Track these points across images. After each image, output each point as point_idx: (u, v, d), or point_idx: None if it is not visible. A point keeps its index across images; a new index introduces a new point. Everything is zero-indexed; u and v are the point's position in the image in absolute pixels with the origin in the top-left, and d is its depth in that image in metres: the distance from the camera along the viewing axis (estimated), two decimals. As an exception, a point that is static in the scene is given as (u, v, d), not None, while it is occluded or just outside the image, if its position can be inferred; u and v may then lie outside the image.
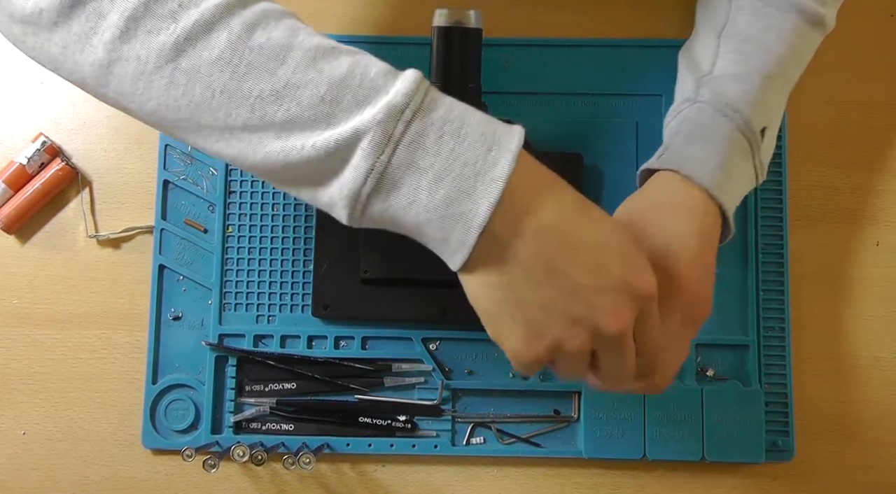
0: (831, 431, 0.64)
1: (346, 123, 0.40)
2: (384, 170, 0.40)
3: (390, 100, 0.40)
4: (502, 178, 0.40)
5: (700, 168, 0.52)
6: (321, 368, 0.64)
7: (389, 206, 0.42)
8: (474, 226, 0.41)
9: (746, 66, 0.54)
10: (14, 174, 0.65)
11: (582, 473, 0.64)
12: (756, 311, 0.64)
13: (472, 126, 0.42)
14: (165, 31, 0.41)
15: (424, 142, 0.41)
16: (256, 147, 0.42)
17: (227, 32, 0.41)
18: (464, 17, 0.58)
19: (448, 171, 0.41)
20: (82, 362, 0.64)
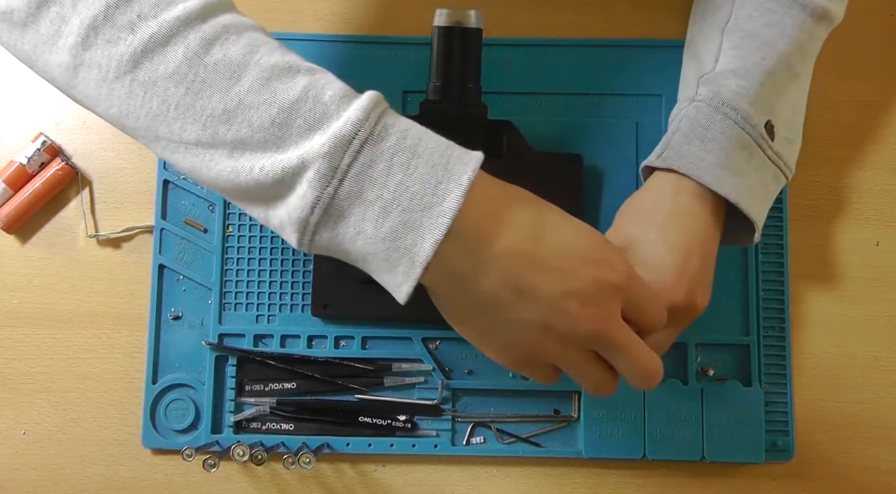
0: (831, 431, 0.64)
1: (295, 150, 0.40)
2: (331, 201, 0.40)
3: (339, 129, 0.40)
4: (449, 214, 0.40)
5: (697, 165, 0.52)
6: (321, 368, 0.64)
7: (336, 235, 0.41)
8: (419, 261, 0.40)
9: (745, 61, 0.54)
10: (14, 174, 0.65)
11: (582, 473, 0.64)
12: (756, 311, 0.64)
13: (424, 157, 0.41)
14: (124, 41, 0.40)
15: (372, 174, 0.40)
16: (209, 164, 0.42)
17: (183, 47, 0.40)
18: (464, 17, 0.59)
19: (395, 204, 0.40)
20: (82, 362, 0.64)
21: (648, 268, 0.51)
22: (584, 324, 0.42)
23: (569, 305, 0.42)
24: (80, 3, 0.40)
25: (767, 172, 0.55)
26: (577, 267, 0.42)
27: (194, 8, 0.41)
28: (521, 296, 0.42)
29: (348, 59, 0.66)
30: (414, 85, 0.66)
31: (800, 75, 0.57)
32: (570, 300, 0.42)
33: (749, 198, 0.54)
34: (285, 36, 0.66)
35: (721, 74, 0.54)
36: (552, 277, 0.42)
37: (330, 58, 0.66)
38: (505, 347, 0.44)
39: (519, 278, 0.41)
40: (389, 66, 0.66)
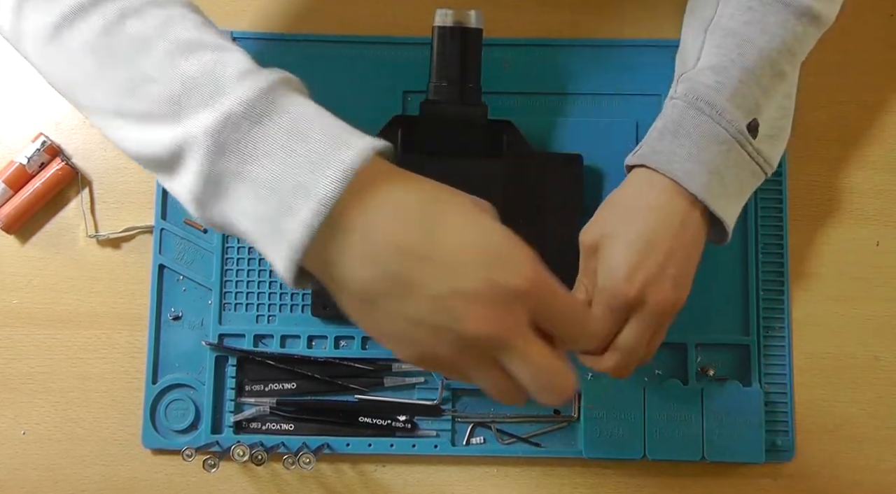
0: (831, 431, 0.64)
1: (187, 125, 0.41)
2: (215, 177, 0.40)
3: (228, 107, 0.40)
4: (324, 200, 0.39)
5: (668, 160, 0.52)
6: (321, 368, 0.64)
7: (224, 212, 0.41)
8: (294, 246, 0.39)
9: (723, 58, 0.54)
10: (14, 174, 0.65)
11: (582, 473, 0.64)
12: (756, 311, 0.64)
13: (309, 141, 0.40)
14: (49, 10, 0.43)
15: (255, 153, 0.40)
16: (120, 133, 0.44)
17: (101, 18, 0.42)
18: (464, 17, 0.59)
19: (274, 186, 0.40)
20: (82, 362, 0.64)
21: (604, 263, 0.51)
22: (472, 327, 0.39)
23: (455, 305, 0.39)
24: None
25: (745, 168, 0.55)
26: (468, 265, 0.39)
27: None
28: (403, 291, 0.39)
29: (348, 59, 0.66)
30: (414, 85, 0.66)
31: (786, 74, 0.56)
32: (457, 300, 0.39)
33: (721, 197, 0.53)
34: (285, 36, 0.66)
35: (699, 71, 0.54)
36: (438, 273, 0.39)
37: (330, 58, 0.66)
38: (398, 343, 0.42)
39: (404, 273, 0.39)
40: (389, 66, 0.66)
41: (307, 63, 0.66)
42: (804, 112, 0.67)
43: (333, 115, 0.42)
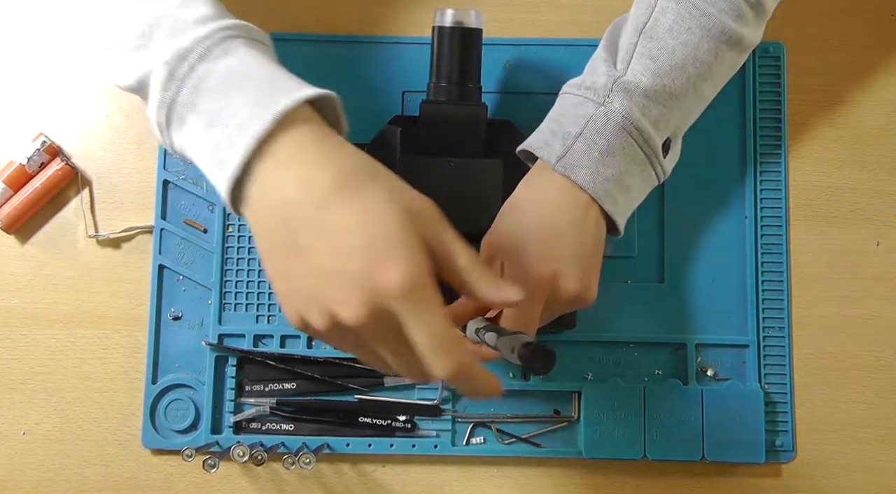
0: (831, 431, 0.64)
1: (148, 58, 0.45)
2: (171, 106, 0.44)
3: (182, 41, 0.44)
4: (255, 135, 0.41)
5: (594, 179, 0.53)
6: (321, 368, 0.64)
7: (182, 140, 0.45)
8: (229, 176, 0.42)
9: (656, 81, 0.54)
10: (14, 174, 0.65)
11: (582, 473, 0.64)
12: (756, 311, 0.64)
13: (254, 80, 0.43)
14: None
15: (205, 86, 0.43)
16: (103, 64, 0.48)
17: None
18: (464, 17, 0.59)
19: (219, 119, 0.43)
20: (82, 362, 0.64)
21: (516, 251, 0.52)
22: (342, 310, 0.40)
23: (331, 283, 0.40)
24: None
25: (649, 182, 0.56)
26: (353, 252, 0.39)
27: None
28: (294, 252, 0.41)
29: (348, 59, 0.66)
30: (414, 85, 0.66)
31: (707, 98, 0.57)
32: (333, 278, 0.40)
33: (625, 208, 0.55)
34: (285, 36, 0.66)
35: (634, 88, 0.53)
36: (326, 249, 0.40)
37: (330, 58, 0.66)
38: (283, 303, 0.43)
39: (295, 232, 0.40)
40: (389, 66, 0.66)
41: (307, 63, 0.66)
42: (804, 112, 0.67)
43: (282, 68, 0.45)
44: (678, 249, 0.65)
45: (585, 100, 0.54)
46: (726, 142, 0.66)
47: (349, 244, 0.39)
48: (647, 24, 0.55)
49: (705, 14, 0.54)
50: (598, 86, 0.54)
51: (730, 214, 0.65)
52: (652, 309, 0.64)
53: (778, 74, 0.66)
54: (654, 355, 0.64)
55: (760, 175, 0.66)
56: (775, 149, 0.66)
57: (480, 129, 0.60)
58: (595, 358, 0.64)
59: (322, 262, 0.40)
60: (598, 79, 0.55)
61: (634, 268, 0.65)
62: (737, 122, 0.66)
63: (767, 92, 0.66)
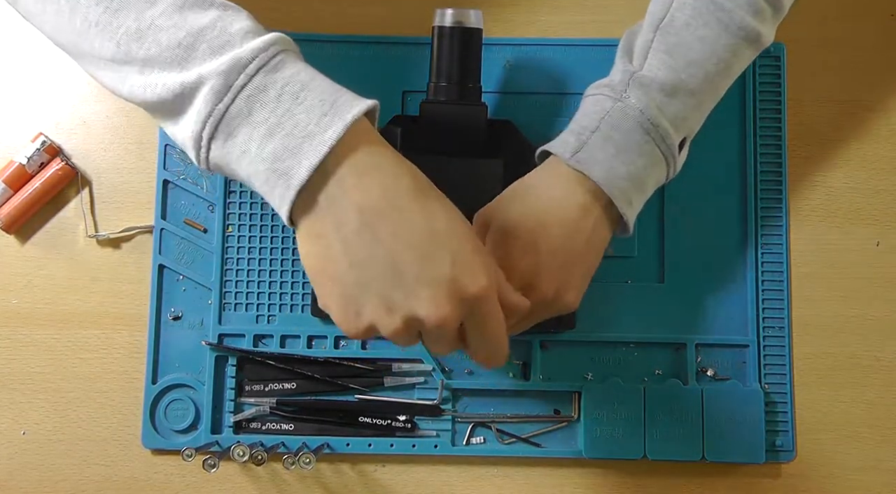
0: (831, 431, 0.64)
1: (196, 69, 0.43)
2: (222, 117, 0.43)
3: (238, 53, 0.43)
4: (328, 143, 0.42)
5: (607, 175, 0.52)
6: (321, 368, 0.64)
7: (227, 153, 0.44)
8: (294, 184, 0.42)
9: (674, 74, 0.53)
10: (14, 174, 0.65)
11: (582, 473, 0.64)
12: (756, 311, 0.64)
13: (315, 91, 0.43)
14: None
15: (263, 97, 0.43)
16: (124, 79, 0.45)
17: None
18: (464, 17, 0.59)
19: (280, 128, 0.42)
20: (82, 362, 0.64)
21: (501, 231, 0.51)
22: (423, 312, 0.42)
23: (419, 291, 0.42)
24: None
25: (662, 179, 0.55)
26: (439, 256, 0.42)
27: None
28: (373, 258, 0.42)
29: (348, 59, 0.66)
30: (414, 85, 0.66)
31: (720, 93, 0.56)
32: (423, 287, 0.42)
33: (636, 206, 0.54)
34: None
35: (651, 83, 0.53)
36: (411, 255, 0.42)
37: (330, 58, 0.66)
38: (343, 303, 0.44)
39: (376, 239, 0.42)
40: (389, 66, 0.66)
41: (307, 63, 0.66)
42: (804, 112, 0.67)
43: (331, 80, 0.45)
44: (678, 249, 0.65)
45: (603, 97, 0.54)
46: (726, 142, 0.66)
47: (439, 250, 0.42)
48: (664, 19, 0.54)
49: (723, 9, 0.53)
50: (614, 82, 0.54)
51: (730, 214, 0.65)
52: (652, 309, 0.64)
53: (778, 74, 0.66)
54: (654, 355, 0.64)
55: (760, 175, 0.66)
56: (775, 150, 0.66)
57: (480, 129, 0.60)
58: (595, 358, 0.64)
59: (408, 268, 0.42)
60: (614, 76, 0.55)
61: (634, 268, 0.65)
62: (737, 122, 0.66)
63: (767, 92, 0.66)
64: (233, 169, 0.44)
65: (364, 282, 0.43)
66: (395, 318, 0.43)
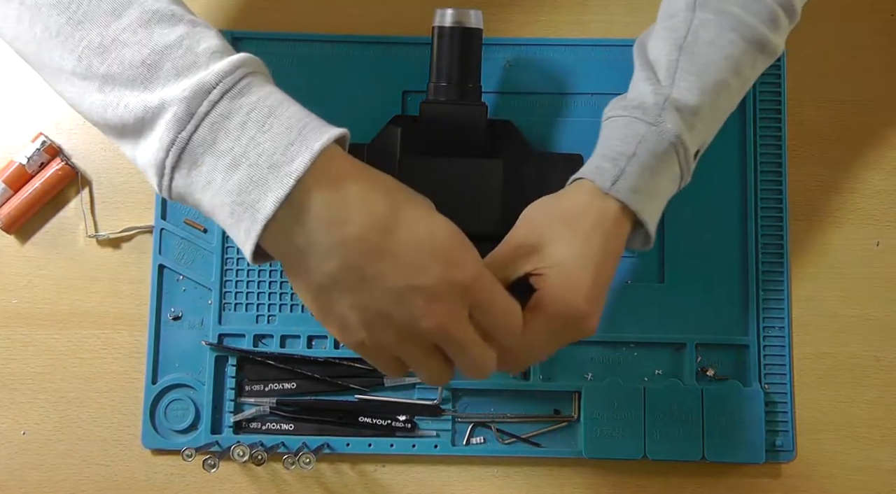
0: (831, 431, 0.64)
1: (159, 92, 0.41)
2: (185, 146, 0.41)
3: (202, 77, 0.40)
4: (294, 175, 0.40)
5: (644, 205, 0.52)
6: (321, 368, 0.64)
7: (190, 183, 0.42)
8: (259, 218, 0.40)
9: (705, 97, 0.53)
10: (14, 174, 0.65)
11: (582, 473, 0.64)
12: (756, 311, 0.64)
13: (282, 118, 0.41)
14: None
15: (227, 125, 0.40)
16: (83, 95, 0.43)
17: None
18: (464, 17, 0.59)
19: (245, 158, 0.40)
20: (82, 362, 0.64)
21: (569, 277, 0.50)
22: (427, 321, 0.42)
23: (414, 300, 0.41)
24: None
25: (675, 190, 0.55)
26: (426, 262, 0.42)
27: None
28: (363, 283, 0.41)
29: (348, 59, 0.66)
30: (414, 85, 0.66)
31: (736, 105, 0.57)
32: (416, 295, 0.41)
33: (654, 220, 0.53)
34: (285, 36, 0.66)
35: (684, 107, 0.52)
36: (399, 270, 0.41)
37: (330, 58, 0.66)
38: (345, 329, 0.44)
39: (363, 266, 0.41)
40: (389, 66, 0.66)
41: (307, 63, 0.66)
42: (804, 112, 0.67)
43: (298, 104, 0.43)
44: (678, 249, 0.65)
45: (635, 120, 0.53)
46: (726, 142, 0.66)
47: (424, 257, 0.42)
48: (686, 37, 0.54)
49: (746, 25, 0.53)
50: (647, 105, 0.53)
51: (730, 214, 0.65)
52: (652, 309, 0.64)
53: (778, 74, 0.66)
54: (654, 355, 0.64)
55: (760, 175, 0.66)
56: (775, 149, 0.66)
57: (480, 129, 0.60)
58: (595, 358, 0.64)
59: (398, 282, 0.41)
60: (645, 98, 0.54)
61: (634, 268, 0.65)
62: (737, 122, 0.66)
63: (767, 92, 0.66)
64: (196, 199, 0.42)
65: (358, 305, 0.42)
66: (393, 333, 0.43)
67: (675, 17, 0.55)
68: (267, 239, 0.41)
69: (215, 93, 0.40)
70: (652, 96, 0.53)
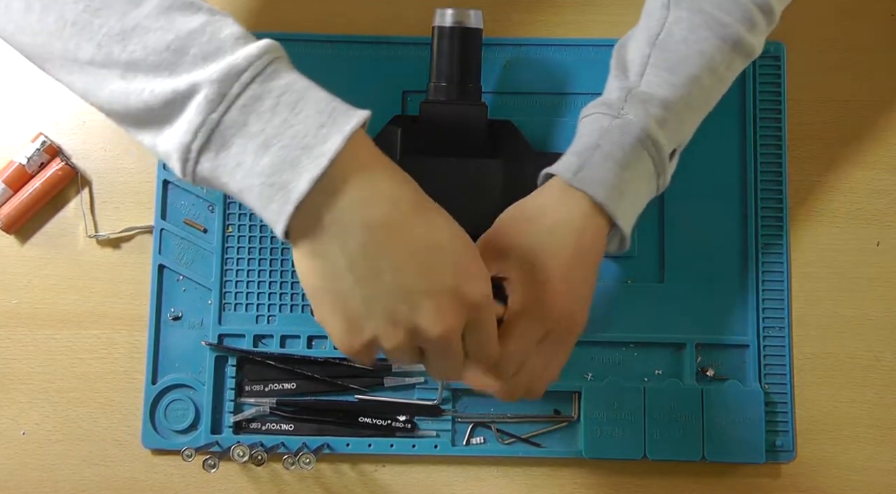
0: (831, 431, 0.64)
1: (187, 75, 0.41)
2: (215, 128, 0.41)
3: (232, 61, 0.41)
4: (328, 155, 0.40)
5: (609, 195, 0.51)
6: (321, 368, 0.64)
7: (218, 166, 0.42)
8: (293, 198, 0.40)
9: (674, 92, 0.53)
10: (14, 174, 0.65)
11: (582, 473, 0.64)
12: (756, 311, 0.64)
13: (311, 101, 0.41)
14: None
15: (258, 107, 0.41)
16: (102, 83, 0.42)
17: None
18: (464, 17, 0.59)
19: (277, 139, 0.41)
20: (82, 362, 0.64)
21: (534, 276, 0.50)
22: (428, 324, 0.42)
23: (424, 303, 0.42)
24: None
25: (650, 193, 0.55)
26: (441, 267, 0.42)
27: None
28: (377, 274, 0.41)
29: (348, 59, 0.66)
30: (414, 85, 0.66)
31: (713, 104, 0.56)
32: (428, 299, 0.42)
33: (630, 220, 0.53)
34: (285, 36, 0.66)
35: (650, 99, 0.53)
36: (414, 268, 0.42)
37: (330, 58, 0.66)
38: (343, 318, 0.43)
39: (380, 254, 0.41)
40: (389, 66, 0.66)
41: (307, 63, 0.65)
42: (804, 112, 0.67)
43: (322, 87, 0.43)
44: (678, 249, 0.65)
45: (599, 115, 0.54)
46: (726, 142, 0.66)
47: (440, 262, 0.42)
48: (660, 34, 0.54)
49: (720, 23, 0.53)
50: (611, 100, 0.54)
51: (730, 214, 0.65)
52: (652, 309, 0.64)
53: (778, 74, 0.66)
54: (654, 355, 0.64)
55: (760, 175, 0.66)
56: (775, 149, 0.66)
57: (480, 129, 0.60)
58: (595, 358, 0.64)
59: (412, 281, 0.42)
60: (610, 95, 0.54)
61: (634, 268, 0.65)
62: (737, 122, 0.66)
63: (767, 92, 0.66)
64: (224, 182, 0.42)
65: (369, 297, 0.42)
66: (398, 331, 0.43)
67: (651, 16, 0.56)
68: (297, 220, 0.41)
69: (246, 76, 0.41)
70: (617, 92, 0.54)
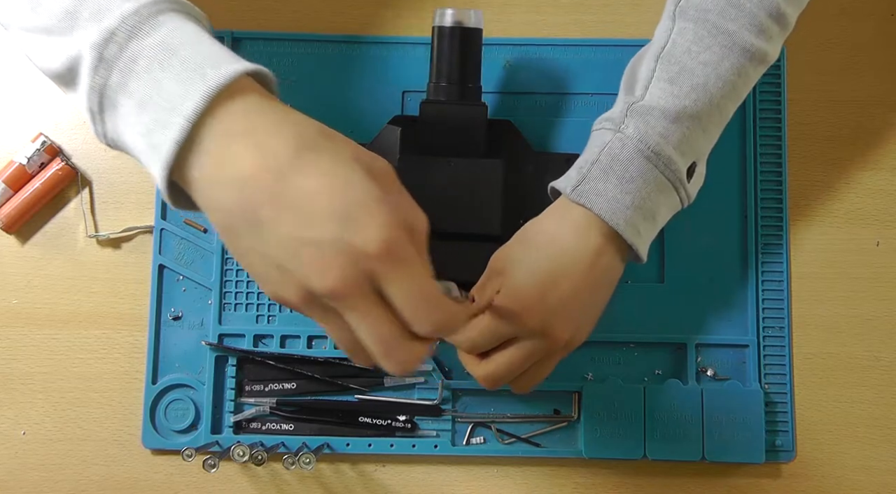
0: (831, 431, 0.64)
1: (77, 39, 0.41)
2: (103, 90, 0.41)
3: (109, 22, 0.41)
4: (190, 117, 0.39)
5: (612, 207, 0.51)
6: (321, 368, 0.64)
7: (114, 127, 0.42)
8: (164, 162, 0.40)
9: (677, 101, 0.52)
10: (14, 174, 0.65)
11: (582, 473, 0.64)
12: (756, 311, 0.64)
13: (183, 57, 0.40)
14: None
15: (135, 68, 0.40)
16: (31, 48, 0.44)
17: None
18: (464, 17, 0.59)
19: (150, 100, 0.40)
20: (82, 362, 0.64)
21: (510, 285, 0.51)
22: (314, 277, 0.38)
23: (302, 253, 0.38)
24: None
25: (674, 208, 0.55)
26: (321, 216, 0.38)
27: None
28: (259, 228, 0.39)
29: (348, 59, 0.66)
30: (414, 85, 0.66)
31: (730, 115, 0.56)
32: (305, 248, 0.38)
33: (647, 235, 0.53)
34: (285, 36, 0.66)
35: (651, 111, 0.52)
36: (289, 218, 0.38)
37: (330, 58, 0.66)
38: (256, 277, 0.42)
39: (257, 208, 0.39)
40: (389, 66, 0.66)
41: (307, 63, 0.66)
42: (804, 112, 0.67)
43: (217, 41, 0.43)
44: (678, 249, 0.65)
45: (604, 130, 0.54)
46: (726, 143, 0.66)
47: (319, 209, 0.38)
48: (665, 47, 0.54)
49: (724, 31, 0.53)
50: (614, 115, 0.54)
51: (730, 214, 0.65)
52: (652, 309, 0.64)
53: (778, 74, 0.66)
54: (654, 355, 0.64)
55: (760, 175, 0.66)
56: (775, 149, 0.66)
57: (480, 129, 0.60)
58: (595, 358, 0.64)
59: (290, 232, 0.38)
60: (615, 110, 0.55)
61: (634, 268, 0.65)
62: (737, 122, 0.66)
63: (767, 92, 0.66)
64: (124, 142, 0.42)
65: (262, 253, 0.40)
66: (290, 287, 0.40)
67: (659, 30, 0.56)
68: (178, 179, 0.41)
69: (121, 36, 0.40)
70: (620, 106, 0.54)
